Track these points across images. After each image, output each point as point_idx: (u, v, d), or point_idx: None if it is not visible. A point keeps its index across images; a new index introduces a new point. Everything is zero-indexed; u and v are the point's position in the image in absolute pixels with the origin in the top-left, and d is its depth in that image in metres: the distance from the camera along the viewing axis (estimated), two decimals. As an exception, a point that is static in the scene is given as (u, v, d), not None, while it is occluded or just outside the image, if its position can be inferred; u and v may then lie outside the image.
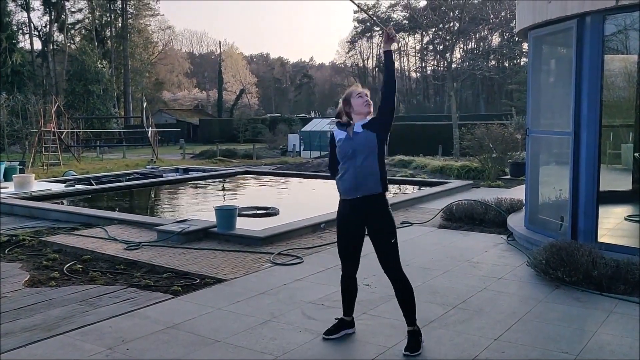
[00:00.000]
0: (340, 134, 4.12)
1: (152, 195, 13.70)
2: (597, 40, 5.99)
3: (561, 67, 7.16)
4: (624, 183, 9.40)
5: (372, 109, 4.09)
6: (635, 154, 8.90)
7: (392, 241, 3.99)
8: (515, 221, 7.64)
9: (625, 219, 7.86)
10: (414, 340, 3.98)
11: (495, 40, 57.65)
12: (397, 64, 75.32)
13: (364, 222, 4.09)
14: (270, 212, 9.88)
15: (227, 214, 7.55)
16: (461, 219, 8.56)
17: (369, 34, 74.11)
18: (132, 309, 4.93)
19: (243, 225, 7.92)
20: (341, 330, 4.30)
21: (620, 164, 11.27)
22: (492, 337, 4.20)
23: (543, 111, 7.37)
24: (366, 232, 4.12)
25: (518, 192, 9.85)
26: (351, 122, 4.10)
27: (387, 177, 4.09)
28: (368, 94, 4.15)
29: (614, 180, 10.09)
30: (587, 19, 6.03)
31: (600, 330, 4.33)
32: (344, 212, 4.15)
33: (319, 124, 36.73)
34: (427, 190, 11.66)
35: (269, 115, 55.43)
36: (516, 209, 8.43)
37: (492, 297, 5.11)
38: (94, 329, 4.47)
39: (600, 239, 6.12)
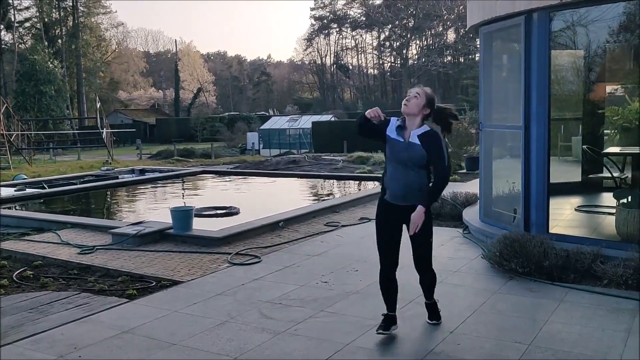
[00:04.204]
0: (395, 131, 4.05)
1: (108, 198, 13.41)
2: (544, 37, 6.13)
3: (511, 63, 7.30)
4: (575, 175, 9.65)
5: (411, 110, 3.99)
6: (584, 146, 9.15)
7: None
8: (471, 214, 7.76)
9: (576, 209, 8.09)
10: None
11: (451, 36, 58.58)
12: (354, 61, 75.83)
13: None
14: (230, 212, 9.79)
15: (182, 215, 7.44)
16: (418, 213, 8.63)
17: (326, 31, 74.17)
18: (85, 314, 4.81)
19: (203, 225, 7.83)
20: (390, 326, 4.22)
21: (571, 156, 11.56)
22: (448, 330, 4.26)
23: (495, 106, 7.50)
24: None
25: (473, 186, 10.00)
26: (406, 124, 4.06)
27: (348, 174, 4.07)
28: (415, 92, 4.04)
29: (565, 172, 10.34)
30: (534, 15, 6.16)
31: (551, 319, 4.44)
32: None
33: (278, 122, 36.59)
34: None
35: (227, 113, 54.82)
36: (471, 202, 8.58)
37: (448, 291, 5.17)
38: (45, 337, 4.34)
39: (552, 230, 6.27)
